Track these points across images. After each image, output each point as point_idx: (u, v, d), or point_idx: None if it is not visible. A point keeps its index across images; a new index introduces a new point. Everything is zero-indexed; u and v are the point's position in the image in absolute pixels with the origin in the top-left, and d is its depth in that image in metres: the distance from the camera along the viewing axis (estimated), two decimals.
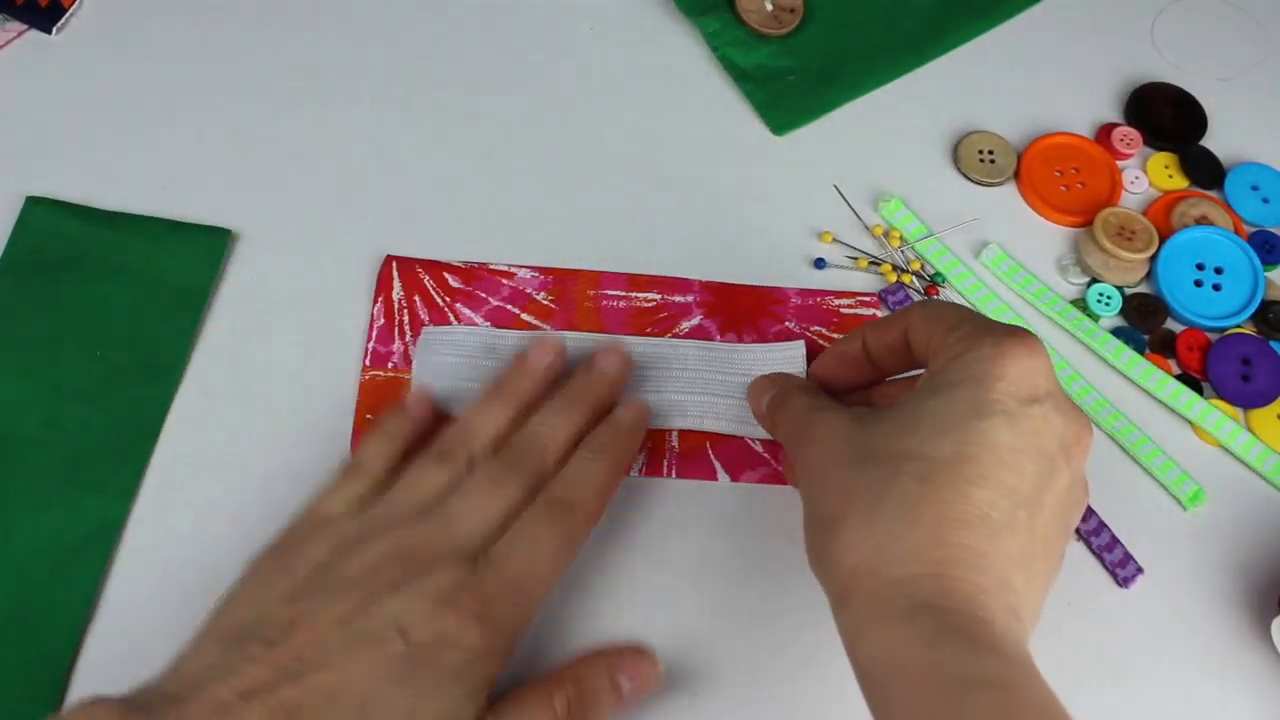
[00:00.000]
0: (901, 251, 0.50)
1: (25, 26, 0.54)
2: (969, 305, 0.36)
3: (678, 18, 0.57)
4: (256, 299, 0.47)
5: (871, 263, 0.49)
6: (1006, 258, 0.50)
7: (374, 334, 0.46)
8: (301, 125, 0.52)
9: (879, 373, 0.41)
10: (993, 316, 0.46)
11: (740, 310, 0.48)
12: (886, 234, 0.50)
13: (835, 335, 0.48)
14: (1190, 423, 0.47)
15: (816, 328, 0.48)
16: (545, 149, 0.53)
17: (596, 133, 0.53)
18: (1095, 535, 0.44)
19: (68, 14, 0.55)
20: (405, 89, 0.54)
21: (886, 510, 0.32)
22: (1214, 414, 0.46)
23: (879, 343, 0.39)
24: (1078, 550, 0.44)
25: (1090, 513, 0.44)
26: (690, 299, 0.48)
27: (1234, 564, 0.44)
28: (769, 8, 0.56)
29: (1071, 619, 0.42)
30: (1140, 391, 0.47)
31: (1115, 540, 0.44)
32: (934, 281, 0.49)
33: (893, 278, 0.49)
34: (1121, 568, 0.43)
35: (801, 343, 0.47)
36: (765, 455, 0.45)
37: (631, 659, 0.37)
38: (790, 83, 0.55)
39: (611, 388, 0.43)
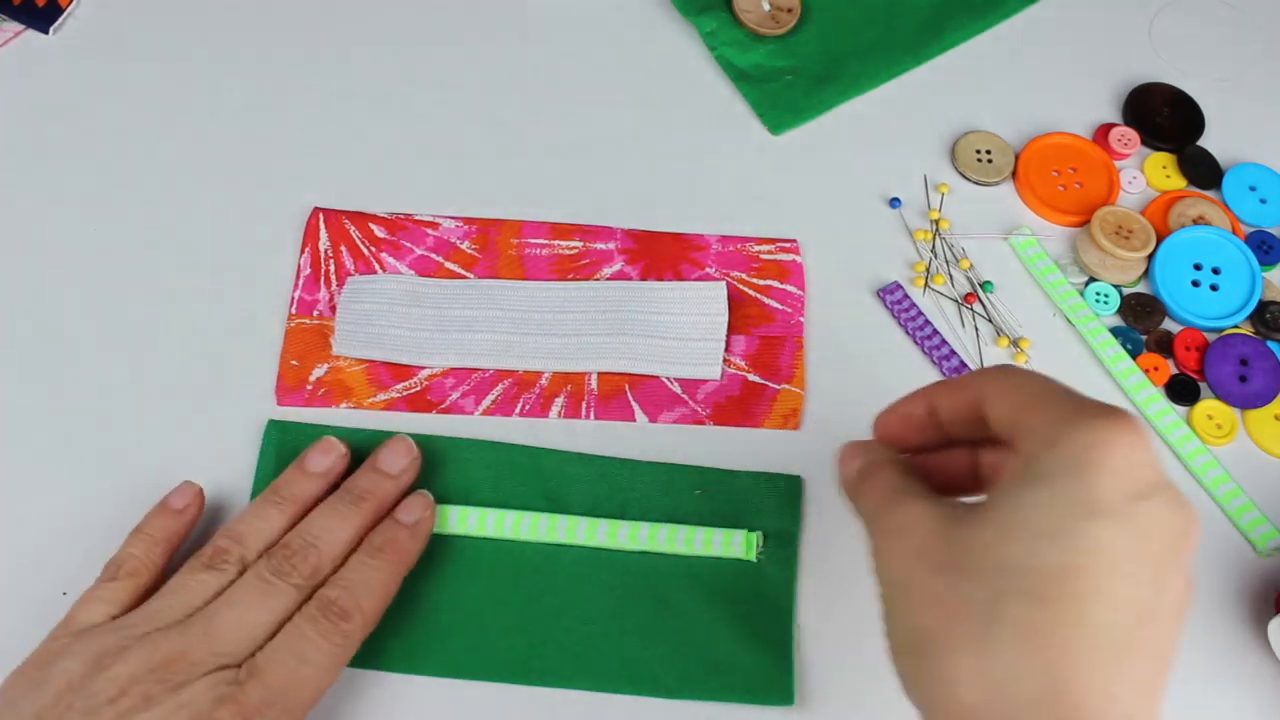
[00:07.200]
0: (947, 245, 0.50)
1: (22, 26, 0.54)
2: (1041, 374, 0.33)
3: (675, 17, 0.57)
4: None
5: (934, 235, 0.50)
6: (1035, 243, 0.50)
7: (300, 283, 0.48)
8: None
9: (947, 439, 0.36)
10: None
11: (661, 256, 0.49)
12: (936, 224, 0.51)
13: (756, 280, 0.49)
14: (1187, 423, 0.47)
15: (737, 273, 0.49)
16: (540, 146, 0.53)
17: (593, 131, 0.53)
18: None
19: (65, 14, 0.55)
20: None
21: (1001, 639, 0.28)
22: (1191, 442, 0.46)
23: (949, 409, 0.35)
24: None
25: None
26: (612, 246, 0.49)
27: (1231, 565, 0.44)
28: (766, 8, 0.56)
29: None
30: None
31: None
32: (983, 290, 0.49)
33: (940, 280, 0.49)
34: None
35: (723, 284, 0.48)
36: (683, 396, 0.46)
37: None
38: (788, 82, 0.55)
39: (395, 485, 0.41)
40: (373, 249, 0.49)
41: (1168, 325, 0.49)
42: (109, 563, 0.38)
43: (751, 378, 0.47)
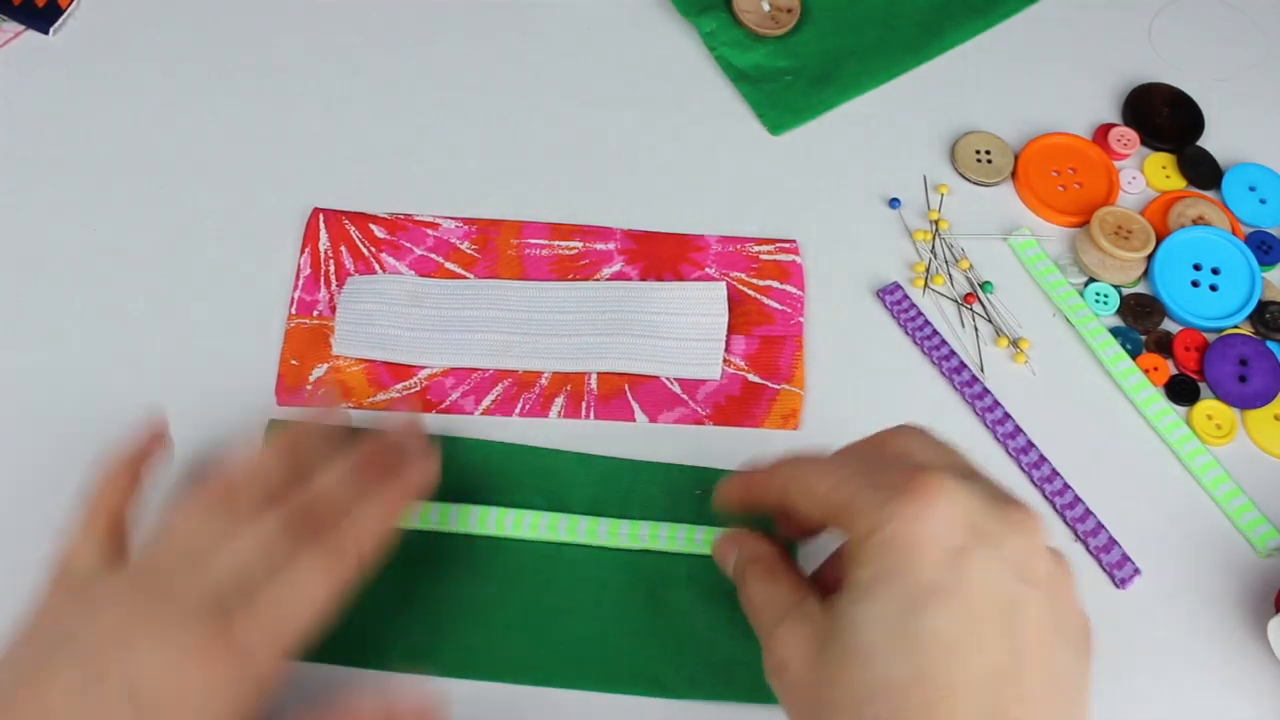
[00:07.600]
0: (947, 245, 0.50)
1: (22, 27, 0.54)
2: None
3: (675, 17, 0.57)
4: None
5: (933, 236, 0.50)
6: (1035, 243, 0.50)
7: (300, 283, 0.48)
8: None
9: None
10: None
11: (661, 257, 0.49)
12: (935, 224, 0.51)
13: (755, 281, 0.49)
14: (1187, 423, 0.47)
15: (737, 274, 0.49)
16: (540, 146, 0.53)
17: (593, 131, 0.53)
18: (1093, 536, 0.44)
19: (65, 14, 0.55)
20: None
21: None
22: (1191, 442, 0.46)
23: (762, 497, 0.36)
24: (1075, 551, 0.44)
25: (1088, 513, 0.44)
26: (611, 246, 0.49)
27: (1231, 565, 0.44)
28: (766, 8, 0.56)
29: None
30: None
31: (1113, 541, 0.44)
32: (982, 290, 0.49)
33: (940, 281, 0.49)
34: (1119, 569, 0.43)
35: (723, 284, 0.48)
36: (683, 396, 0.46)
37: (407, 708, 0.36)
38: (787, 83, 0.55)
39: (400, 456, 0.40)
40: (373, 249, 0.49)
41: (1167, 325, 0.49)
42: (83, 504, 0.38)
43: (751, 378, 0.47)
